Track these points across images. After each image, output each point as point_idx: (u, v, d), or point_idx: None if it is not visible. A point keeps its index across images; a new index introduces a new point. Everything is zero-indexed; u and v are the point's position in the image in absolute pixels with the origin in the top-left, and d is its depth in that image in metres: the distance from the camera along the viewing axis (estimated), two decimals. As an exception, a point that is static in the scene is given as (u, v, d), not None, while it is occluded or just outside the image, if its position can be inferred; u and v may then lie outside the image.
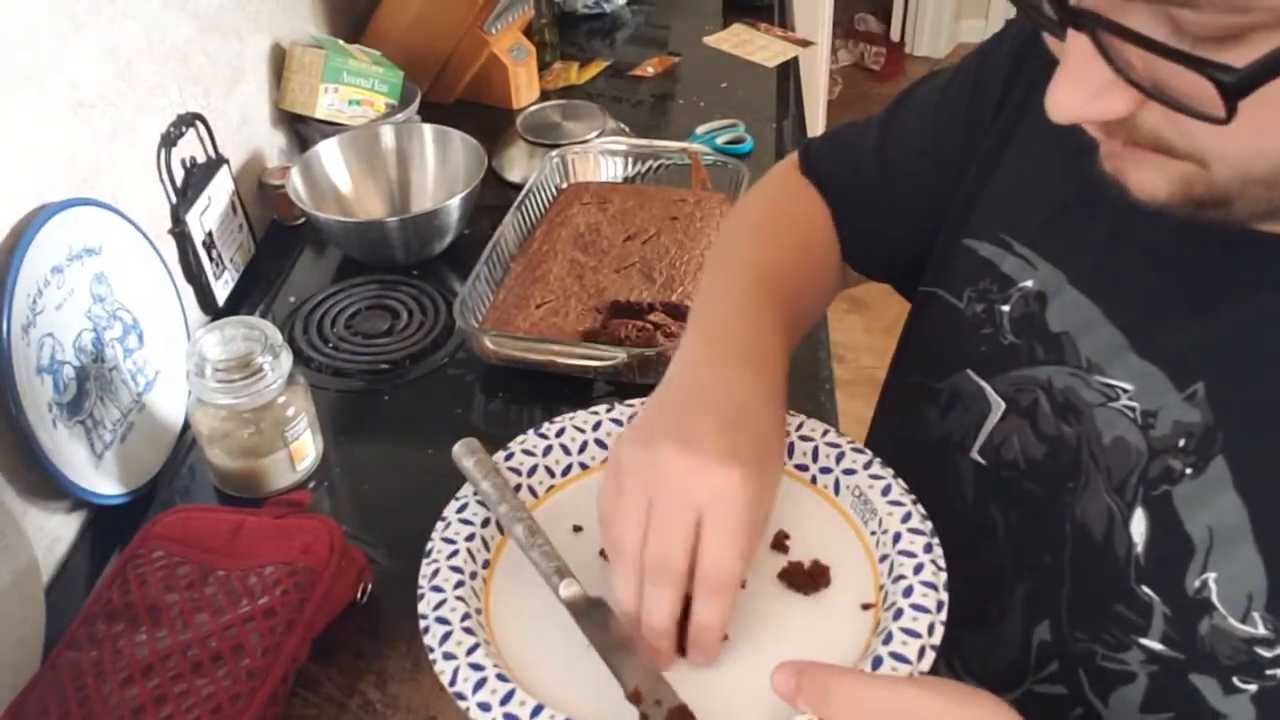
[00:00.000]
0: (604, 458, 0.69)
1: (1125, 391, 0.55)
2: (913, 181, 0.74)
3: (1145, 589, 0.53)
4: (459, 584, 0.59)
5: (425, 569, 0.60)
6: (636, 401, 0.70)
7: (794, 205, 0.79)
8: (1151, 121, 0.42)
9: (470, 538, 0.62)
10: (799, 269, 0.75)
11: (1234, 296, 0.51)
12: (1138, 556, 0.54)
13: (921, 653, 0.52)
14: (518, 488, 0.67)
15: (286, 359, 0.88)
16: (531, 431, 0.69)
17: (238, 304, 1.16)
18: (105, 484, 0.89)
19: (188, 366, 0.86)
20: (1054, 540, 0.58)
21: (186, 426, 0.99)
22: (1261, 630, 0.49)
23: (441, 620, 0.57)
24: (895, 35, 3.96)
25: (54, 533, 0.88)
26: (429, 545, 0.62)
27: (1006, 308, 0.63)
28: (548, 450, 0.69)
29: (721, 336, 0.65)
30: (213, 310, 1.14)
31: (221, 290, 1.15)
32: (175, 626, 0.73)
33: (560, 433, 0.69)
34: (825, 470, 0.65)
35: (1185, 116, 0.39)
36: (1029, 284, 0.62)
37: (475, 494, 0.65)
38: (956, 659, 0.65)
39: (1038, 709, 0.59)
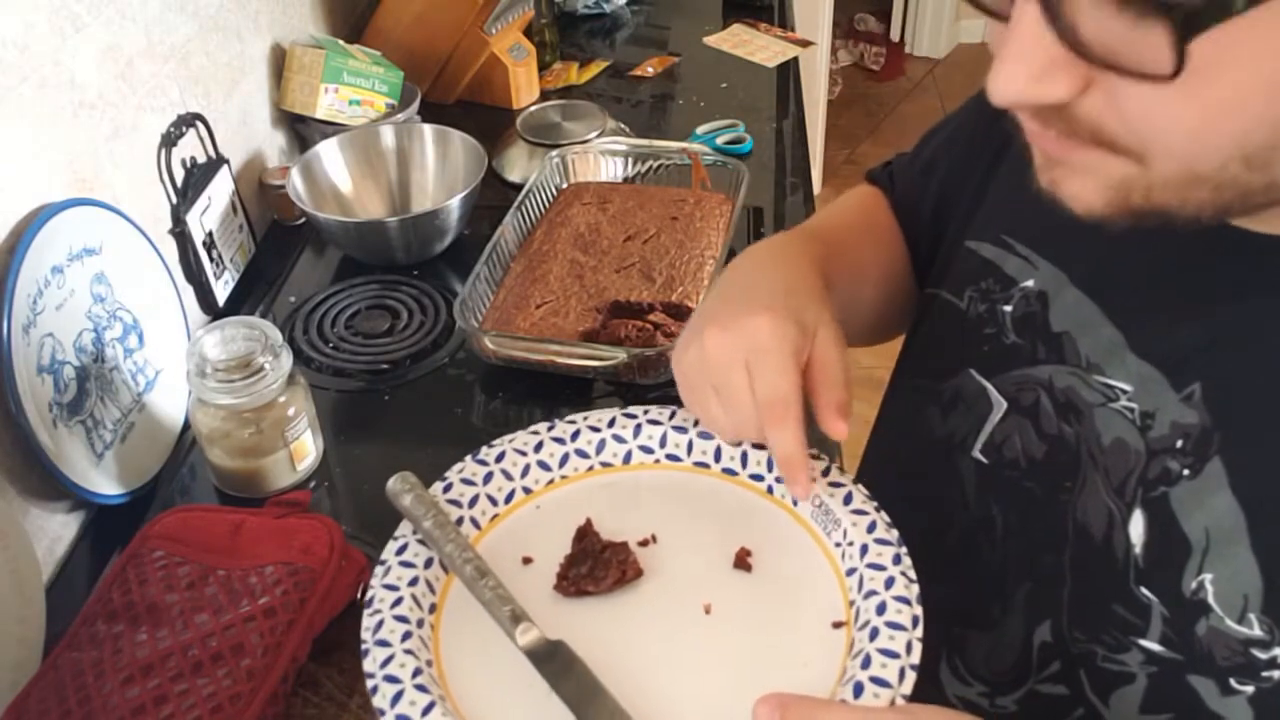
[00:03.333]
0: (549, 480, 0.66)
1: (1124, 392, 0.55)
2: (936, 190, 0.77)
3: (1144, 590, 0.53)
4: (406, 635, 0.55)
5: (367, 621, 0.56)
6: (579, 416, 0.68)
7: (851, 197, 0.84)
8: (1092, 109, 0.41)
9: (414, 582, 0.58)
10: (851, 227, 0.79)
11: (1230, 296, 0.51)
12: (1136, 558, 0.54)
13: (902, 674, 0.50)
14: (460, 521, 0.62)
15: (286, 359, 0.88)
16: (469, 458, 0.65)
17: (238, 304, 1.16)
18: (105, 484, 0.89)
19: (188, 366, 0.86)
20: (1054, 540, 0.58)
21: (186, 426, 0.99)
22: (1257, 632, 0.49)
23: (391, 679, 0.52)
24: (895, 35, 3.96)
25: (54, 533, 0.88)
26: (369, 594, 0.57)
27: (1009, 307, 0.63)
28: (489, 478, 0.64)
29: (748, 269, 0.69)
30: (213, 310, 1.14)
31: (221, 290, 1.15)
32: (175, 626, 0.73)
33: (500, 457, 0.65)
34: (781, 480, 0.62)
35: (1128, 102, 0.39)
36: (1030, 284, 0.62)
37: (415, 533, 0.61)
38: (958, 659, 0.65)
39: (1040, 709, 0.59)
